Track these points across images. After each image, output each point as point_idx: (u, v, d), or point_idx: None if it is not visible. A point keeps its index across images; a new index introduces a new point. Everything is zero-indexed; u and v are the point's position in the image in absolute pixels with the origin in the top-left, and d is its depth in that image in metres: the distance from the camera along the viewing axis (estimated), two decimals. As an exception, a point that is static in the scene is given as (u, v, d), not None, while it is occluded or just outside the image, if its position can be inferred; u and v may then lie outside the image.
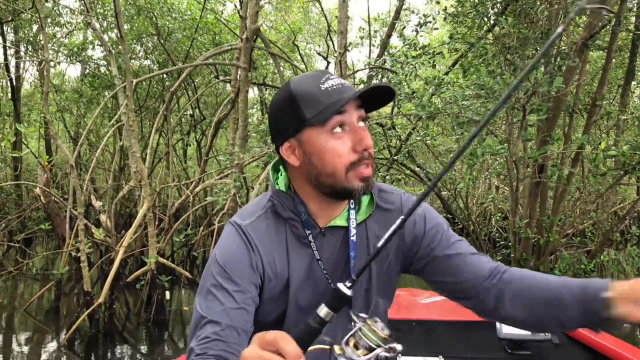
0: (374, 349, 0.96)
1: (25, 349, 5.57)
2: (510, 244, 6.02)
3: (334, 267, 1.29)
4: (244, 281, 1.20)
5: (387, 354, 0.99)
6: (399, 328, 2.50)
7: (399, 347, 1.01)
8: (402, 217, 0.96)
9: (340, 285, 0.92)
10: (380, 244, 0.95)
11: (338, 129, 1.16)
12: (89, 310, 5.73)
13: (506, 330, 2.24)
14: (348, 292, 0.91)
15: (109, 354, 5.45)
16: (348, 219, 1.30)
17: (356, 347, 0.97)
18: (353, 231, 1.29)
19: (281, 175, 1.34)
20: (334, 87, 1.15)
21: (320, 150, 1.17)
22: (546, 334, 2.25)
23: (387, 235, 0.96)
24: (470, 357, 2.31)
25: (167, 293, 6.48)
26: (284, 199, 1.28)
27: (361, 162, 1.16)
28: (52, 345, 5.64)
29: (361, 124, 1.18)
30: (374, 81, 7.21)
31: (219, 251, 1.25)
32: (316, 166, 1.19)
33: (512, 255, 5.86)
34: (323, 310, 0.91)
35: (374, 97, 1.19)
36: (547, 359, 2.30)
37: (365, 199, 1.33)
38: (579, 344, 2.41)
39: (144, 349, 5.71)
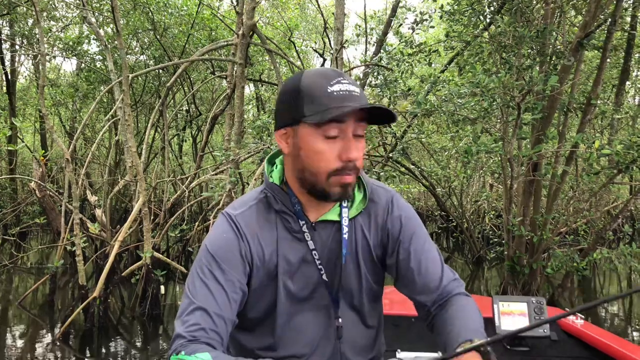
0: None
1: (20, 342, 5.58)
2: (503, 241, 6.06)
3: (326, 261, 1.32)
4: (233, 270, 1.23)
5: None
6: (398, 324, 2.51)
7: None
8: None
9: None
10: None
11: (332, 134, 1.17)
12: (83, 304, 5.73)
13: (505, 326, 2.25)
14: None
15: (103, 348, 5.46)
16: (340, 215, 1.32)
17: None
18: (345, 229, 1.31)
19: (276, 168, 1.35)
20: (341, 92, 1.15)
21: (310, 149, 1.20)
22: (544, 330, 2.26)
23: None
24: None
25: (162, 287, 6.48)
26: (277, 192, 1.30)
27: (344, 171, 1.18)
28: (46, 339, 5.64)
29: (359, 133, 1.20)
30: (370, 79, 7.22)
31: (209, 240, 1.28)
32: (302, 161, 1.22)
33: (506, 252, 5.90)
34: None
35: (377, 114, 1.20)
36: (545, 354, 2.32)
37: (358, 196, 1.36)
38: (576, 340, 2.43)
39: (138, 343, 5.72)
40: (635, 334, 6.24)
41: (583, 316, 2.53)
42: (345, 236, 1.31)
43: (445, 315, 1.31)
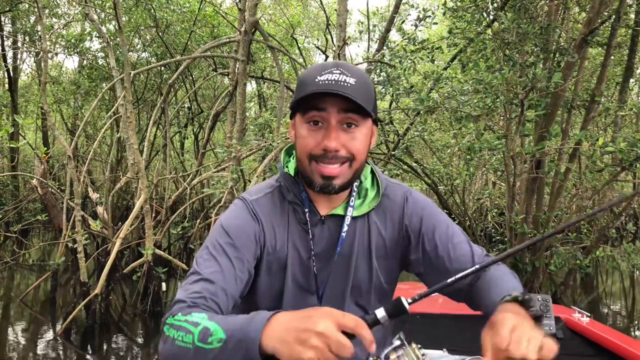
0: None
1: (22, 339, 5.57)
2: (506, 239, 6.03)
3: (329, 255, 1.31)
4: (244, 249, 1.23)
5: None
6: (403, 321, 2.51)
7: None
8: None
9: (403, 299, 0.95)
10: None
11: (313, 121, 1.18)
12: (85, 301, 5.73)
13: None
14: (407, 306, 0.95)
15: (104, 345, 5.46)
16: (346, 211, 1.32)
17: None
18: (345, 227, 1.30)
19: (293, 159, 1.37)
20: (326, 81, 1.14)
21: (298, 136, 1.22)
22: (550, 327, 2.24)
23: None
24: (474, 350, 2.31)
25: (164, 285, 6.48)
26: (290, 183, 1.32)
27: (323, 159, 1.18)
28: (48, 336, 5.64)
29: (348, 123, 1.18)
30: (373, 76, 7.19)
31: (224, 218, 1.29)
32: (297, 149, 1.25)
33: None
34: (380, 314, 0.95)
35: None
36: None
37: (371, 192, 1.35)
38: (582, 339, 2.42)
39: (140, 340, 5.72)
40: (638, 332, 6.22)
41: (589, 314, 2.52)
42: (344, 234, 1.30)
43: (483, 283, 1.29)
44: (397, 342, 1.08)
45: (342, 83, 1.14)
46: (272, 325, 0.92)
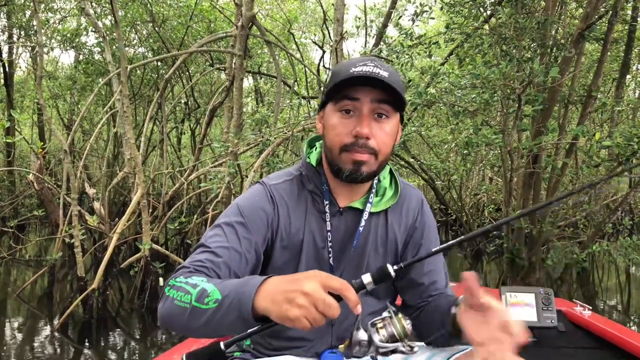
0: (396, 340, 1.13)
1: (19, 334, 5.57)
2: (503, 234, 6.04)
3: (345, 247, 1.34)
4: (254, 230, 1.26)
5: (404, 349, 1.15)
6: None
7: (416, 347, 1.18)
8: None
9: (388, 266, 0.99)
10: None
11: (345, 109, 1.21)
12: (82, 296, 5.72)
13: (513, 316, 2.26)
14: (392, 273, 0.99)
15: (102, 340, 5.46)
16: (364, 205, 1.35)
17: (378, 331, 1.14)
18: (363, 222, 1.34)
19: (315, 150, 1.40)
20: (361, 72, 1.17)
21: (329, 125, 1.25)
22: (552, 321, 2.27)
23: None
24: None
25: (161, 280, 6.47)
26: (312, 173, 1.35)
27: (354, 147, 1.21)
28: (45, 331, 5.63)
29: (379, 113, 1.22)
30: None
31: (241, 199, 1.32)
32: (326, 139, 1.27)
33: (505, 245, 5.89)
34: (367, 279, 0.99)
35: (398, 99, 1.22)
36: (553, 345, 2.32)
37: (389, 191, 1.39)
38: (584, 331, 2.44)
39: (137, 334, 5.72)
40: (634, 327, 6.24)
41: (590, 307, 2.54)
42: (361, 228, 1.34)
43: (438, 301, 1.36)
44: (386, 314, 1.15)
45: (376, 74, 1.17)
46: (265, 287, 0.96)
